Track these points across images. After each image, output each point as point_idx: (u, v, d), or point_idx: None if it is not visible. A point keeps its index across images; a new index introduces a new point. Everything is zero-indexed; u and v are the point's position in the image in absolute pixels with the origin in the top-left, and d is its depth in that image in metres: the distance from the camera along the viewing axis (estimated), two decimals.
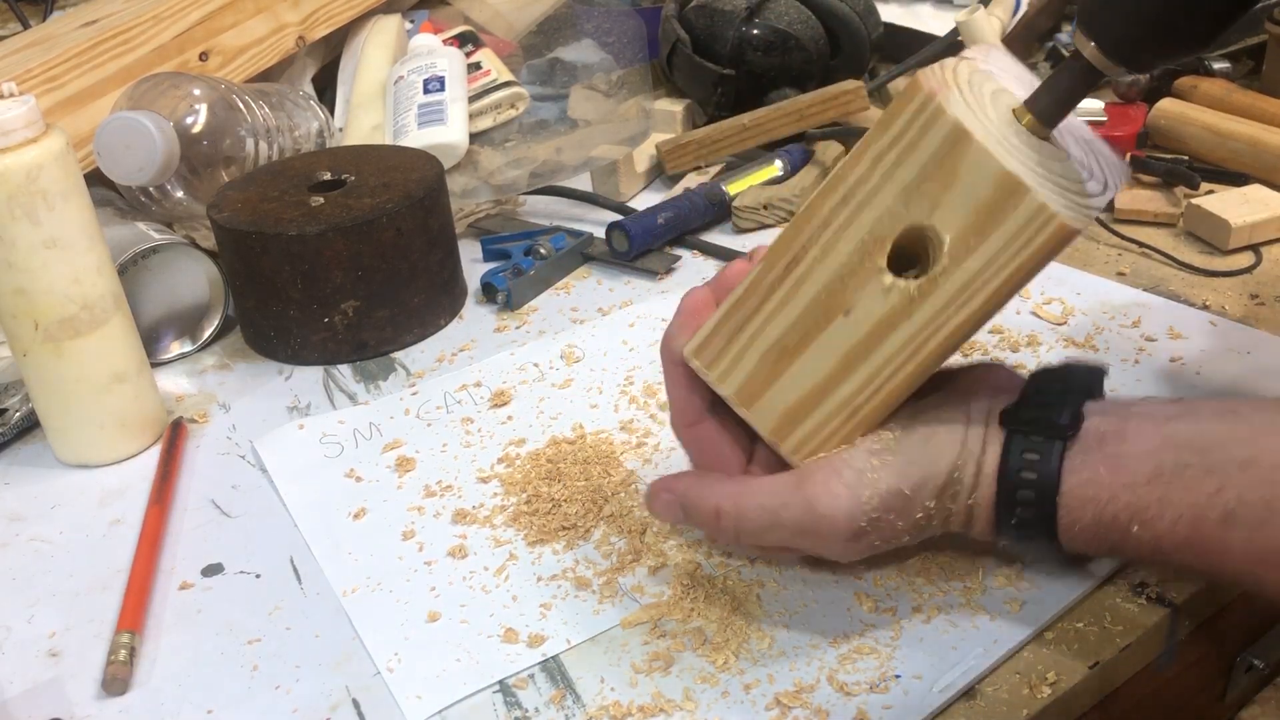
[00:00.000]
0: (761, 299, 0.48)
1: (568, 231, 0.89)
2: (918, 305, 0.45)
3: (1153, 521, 0.43)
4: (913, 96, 0.42)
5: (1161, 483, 0.43)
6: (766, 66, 1.03)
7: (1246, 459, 0.42)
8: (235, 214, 0.78)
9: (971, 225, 0.43)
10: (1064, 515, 0.45)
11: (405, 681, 0.52)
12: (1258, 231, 0.80)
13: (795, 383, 0.48)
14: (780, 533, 0.48)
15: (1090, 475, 0.44)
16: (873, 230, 0.44)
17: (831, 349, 0.47)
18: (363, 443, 0.69)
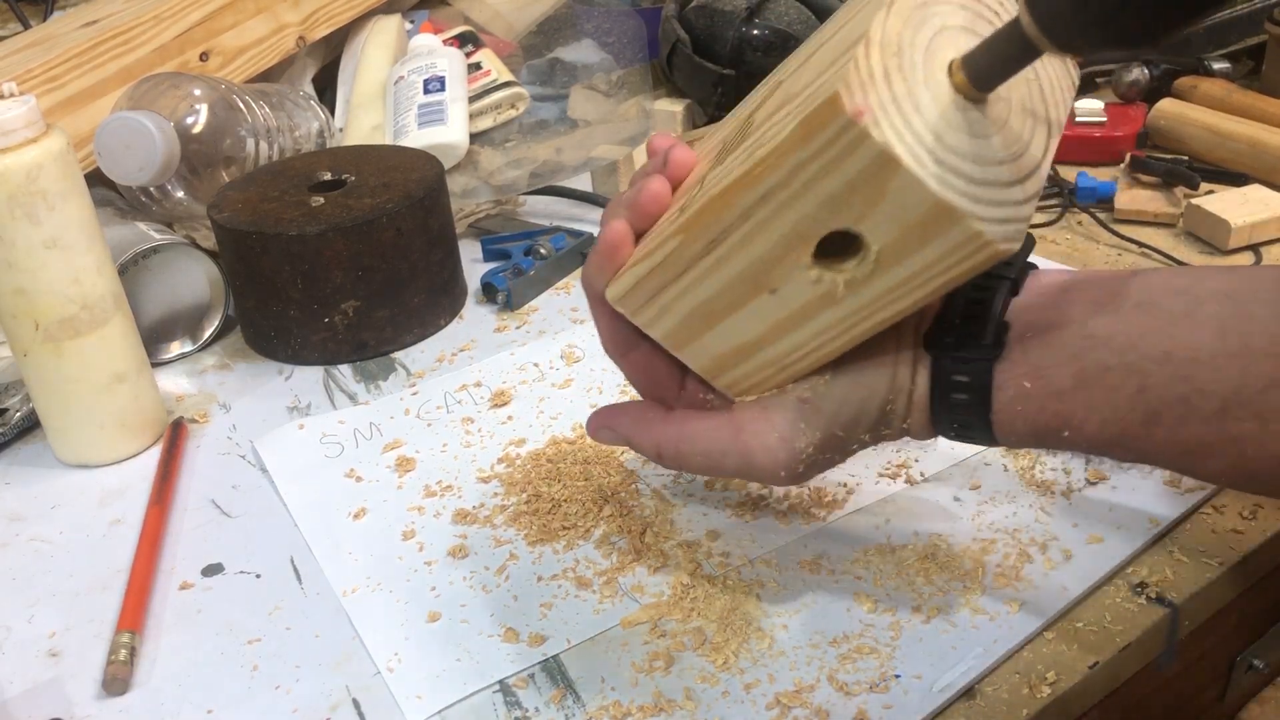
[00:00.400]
0: (682, 268, 0.45)
1: (568, 231, 0.89)
2: (844, 297, 0.43)
3: (1080, 426, 0.44)
4: (833, 118, 0.38)
5: (1086, 385, 0.43)
6: (766, 66, 1.03)
7: (1163, 354, 0.42)
8: (235, 214, 0.78)
9: (900, 240, 0.40)
10: (998, 428, 0.46)
11: (405, 681, 0.52)
12: (1258, 232, 0.80)
13: (724, 339, 0.47)
14: (720, 472, 0.51)
15: (1017, 391, 0.45)
16: (795, 228, 0.42)
17: (761, 316, 0.45)
18: (363, 443, 0.69)
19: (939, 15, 0.42)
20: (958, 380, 0.46)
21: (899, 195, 0.39)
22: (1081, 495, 0.58)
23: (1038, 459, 0.61)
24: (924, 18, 0.41)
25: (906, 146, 0.38)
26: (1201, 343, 0.41)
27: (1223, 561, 0.54)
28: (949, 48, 0.41)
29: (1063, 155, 0.95)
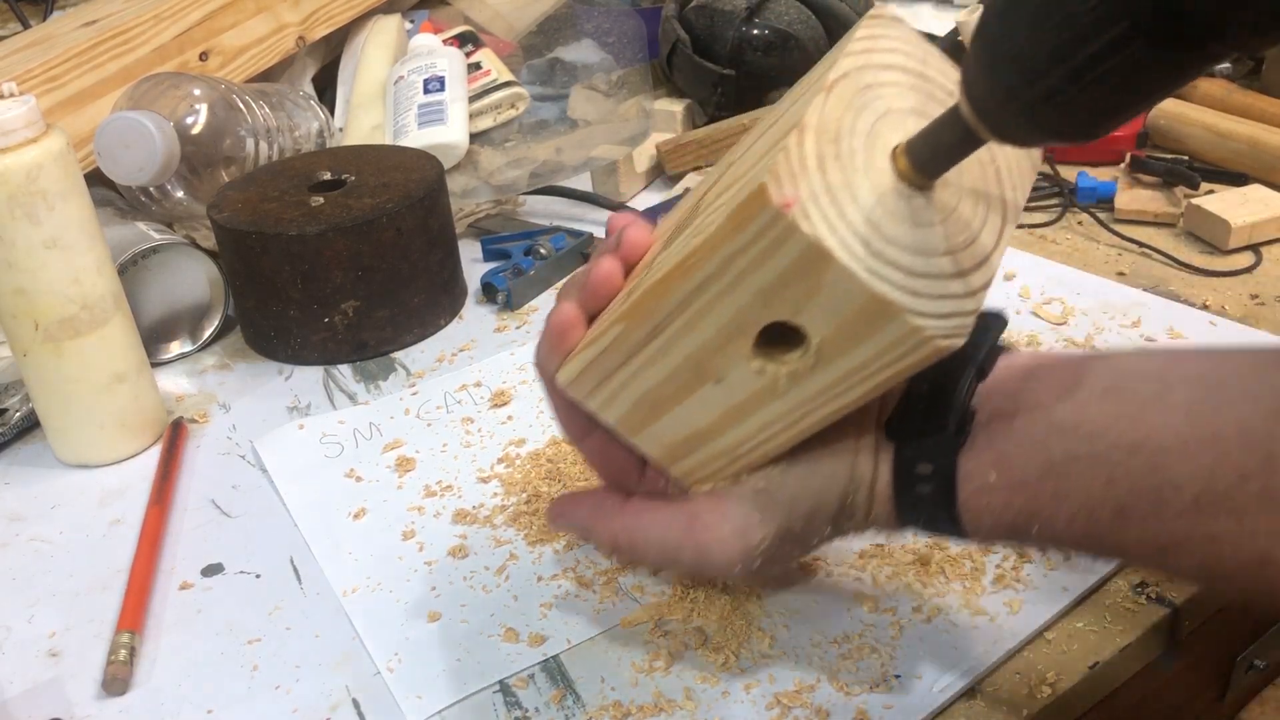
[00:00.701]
0: (627, 355, 0.44)
1: (568, 231, 0.89)
2: (789, 388, 0.41)
3: (1050, 520, 0.41)
4: (760, 209, 0.36)
5: (1053, 476, 0.41)
6: (766, 66, 1.03)
7: (1132, 443, 0.39)
8: (235, 214, 0.78)
9: (839, 334, 0.38)
10: (967, 522, 0.43)
11: (405, 681, 0.52)
12: (1258, 231, 0.80)
13: (674, 427, 0.45)
14: (675, 567, 0.50)
15: (983, 482, 0.42)
16: (734, 319, 0.40)
17: (706, 407, 0.44)
18: (363, 443, 0.69)
19: (884, 98, 0.40)
20: (920, 471, 0.43)
21: (833, 289, 0.37)
22: None
23: None
24: (867, 101, 0.39)
25: (839, 239, 0.36)
26: (1172, 430, 0.39)
27: None
28: (894, 132, 0.39)
29: (1063, 155, 0.95)
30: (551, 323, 0.47)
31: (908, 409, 0.45)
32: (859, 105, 0.39)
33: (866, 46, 0.41)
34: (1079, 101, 0.33)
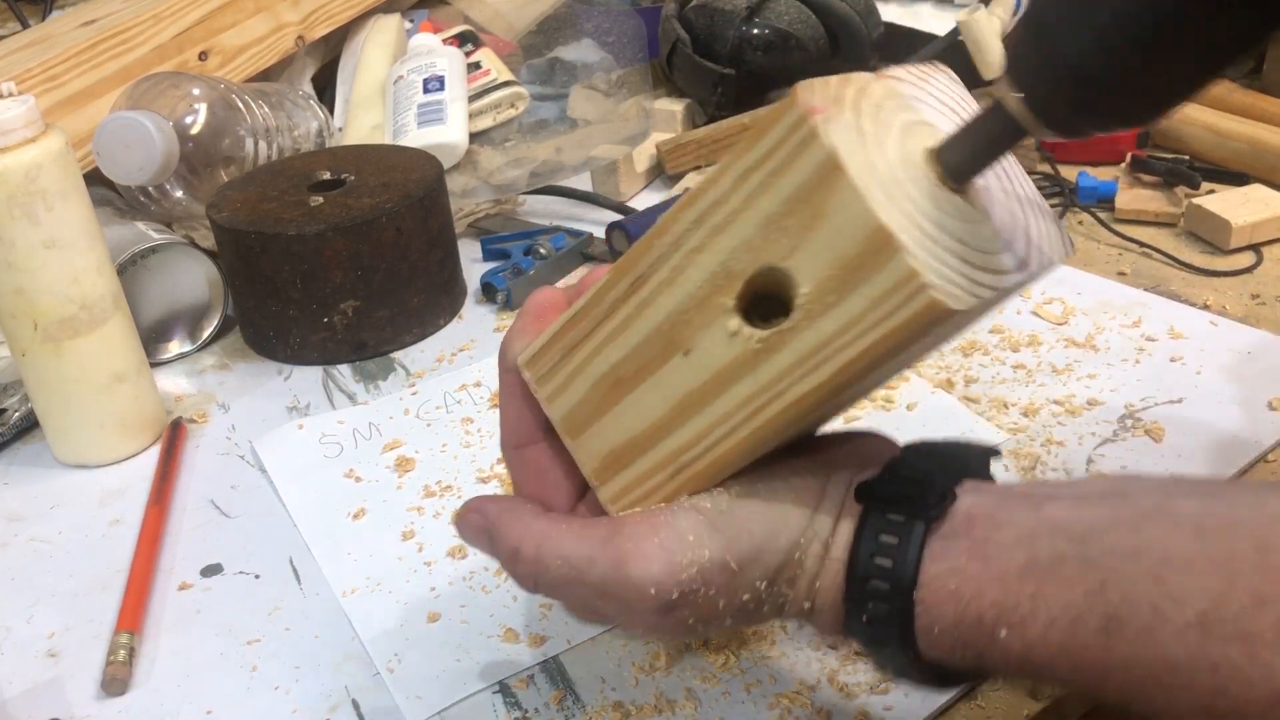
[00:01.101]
0: (601, 317, 0.41)
1: (568, 231, 0.89)
2: (761, 361, 0.38)
3: (1023, 625, 0.36)
4: (785, 112, 0.35)
5: (1035, 576, 0.36)
6: (767, 66, 1.03)
7: (1132, 549, 0.35)
8: (235, 214, 0.77)
9: (832, 279, 0.36)
10: (922, 613, 0.38)
11: (405, 682, 0.51)
12: (1258, 231, 0.80)
13: (624, 420, 0.42)
14: (581, 591, 0.41)
15: (953, 565, 0.37)
16: (726, 262, 0.38)
17: (666, 389, 0.40)
18: (362, 443, 0.69)
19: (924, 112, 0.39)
20: (885, 541, 0.38)
21: (837, 215, 0.35)
22: None
23: (1038, 460, 0.61)
24: (908, 104, 0.38)
25: (863, 159, 0.35)
26: (1177, 543, 0.34)
27: None
28: (928, 140, 0.37)
29: (1064, 155, 0.95)
30: (530, 303, 0.45)
31: (884, 476, 0.40)
32: (888, 109, 0.37)
33: (919, 75, 0.39)
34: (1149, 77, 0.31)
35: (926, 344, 0.39)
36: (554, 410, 0.44)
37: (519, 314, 0.45)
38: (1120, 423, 0.63)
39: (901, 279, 0.34)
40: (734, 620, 0.41)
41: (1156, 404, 0.64)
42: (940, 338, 0.40)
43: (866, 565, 0.38)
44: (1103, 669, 0.35)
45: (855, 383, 0.37)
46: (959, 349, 0.71)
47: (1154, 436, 0.61)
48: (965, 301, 0.35)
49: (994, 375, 0.68)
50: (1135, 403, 0.64)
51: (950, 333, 0.41)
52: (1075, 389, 0.66)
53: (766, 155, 0.36)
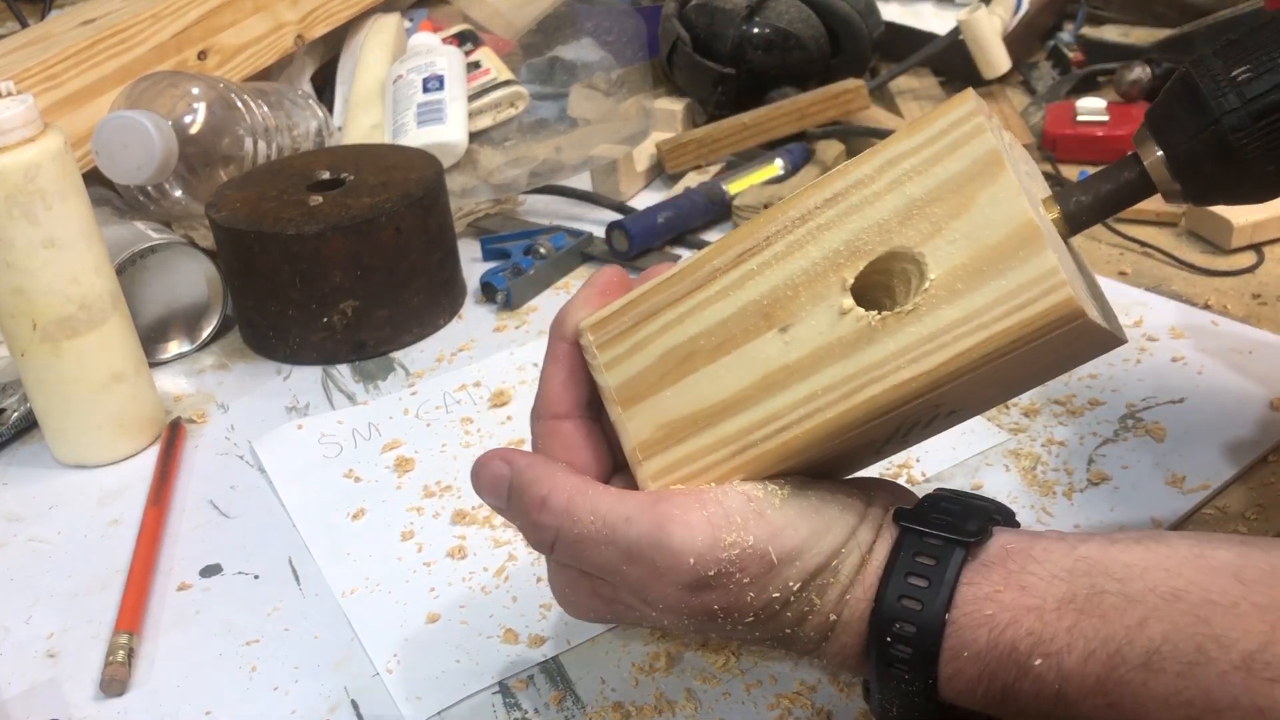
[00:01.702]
0: (693, 286, 0.41)
1: (567, 231, 0.89)
2: (869, 342, 0.38)
3: (1059, 656, 0.35)
4: (957, 106, 0.37)
5: (1073, 609, 0.35)
6: (767, 65, 1.03)
7: (1172, 591, 0.35)
8: (234, 213, 0.77)
9: (967, 266, 0.37)
10: (953, 636, 0.37)
11: (404, 682, 0.51)
12: (1260, 231, 0.80)
13: (691, 394, 0.41)
14: (609, 552, 0.39)
15: (990, 591, 0.37)
16: (853, 241, 0.38)
17: (752, 364, 0.40)
18: (361, 443, 0.69)
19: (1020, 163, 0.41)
20: (921, 562, 0.38)
21: (988, 207, 0.36)
22: (1083, 495, 0.58)
23: (1038, 460, 0.61)
24: (1015, 155, 0.41)
25: (1013, 168, 0.37)
26: (1218, 587, 0.34)
27: None
28: (1037, 189, 0.41)
29: (1065, 154, 0.94)
30: (596, 277, 0.44)
31: (924, 504, 0.41)
32: (1020, 153, 0.41)
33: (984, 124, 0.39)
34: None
35: (1031, 360, 0.38)
36: (611, 377, 0.43)
37: (583, 286, 0.45)
38: (1121, 423, 0.63)
39: (1043, 273, 0.35)
40: (754, 621, 0.40)
41: (1158, 404, 0.64)
42: (1044, 360, 0.39)
43: (901, 584, 0.38)
44: (1141, 706, 0.34)
45: (950, 384, 0.37)
46: None
47: (1155, 436, 0.61)
48: (1090, 310, 0.36)
49: None
50: (1136, 402, 0.64)
51: (1051, 360, 0.40)
52: (1076, 389, 0.66)
53: (924, 144, 0.38)
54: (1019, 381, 0.42)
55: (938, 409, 0.40)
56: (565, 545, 0.41)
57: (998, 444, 0.62)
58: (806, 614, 0.40)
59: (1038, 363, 0.39)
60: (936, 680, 0.38)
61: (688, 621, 0.41)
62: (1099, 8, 1.17)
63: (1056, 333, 0.36)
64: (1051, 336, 0.36)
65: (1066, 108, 0.97)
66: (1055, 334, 0.36)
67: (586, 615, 0.45)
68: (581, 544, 0.40)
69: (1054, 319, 0.35)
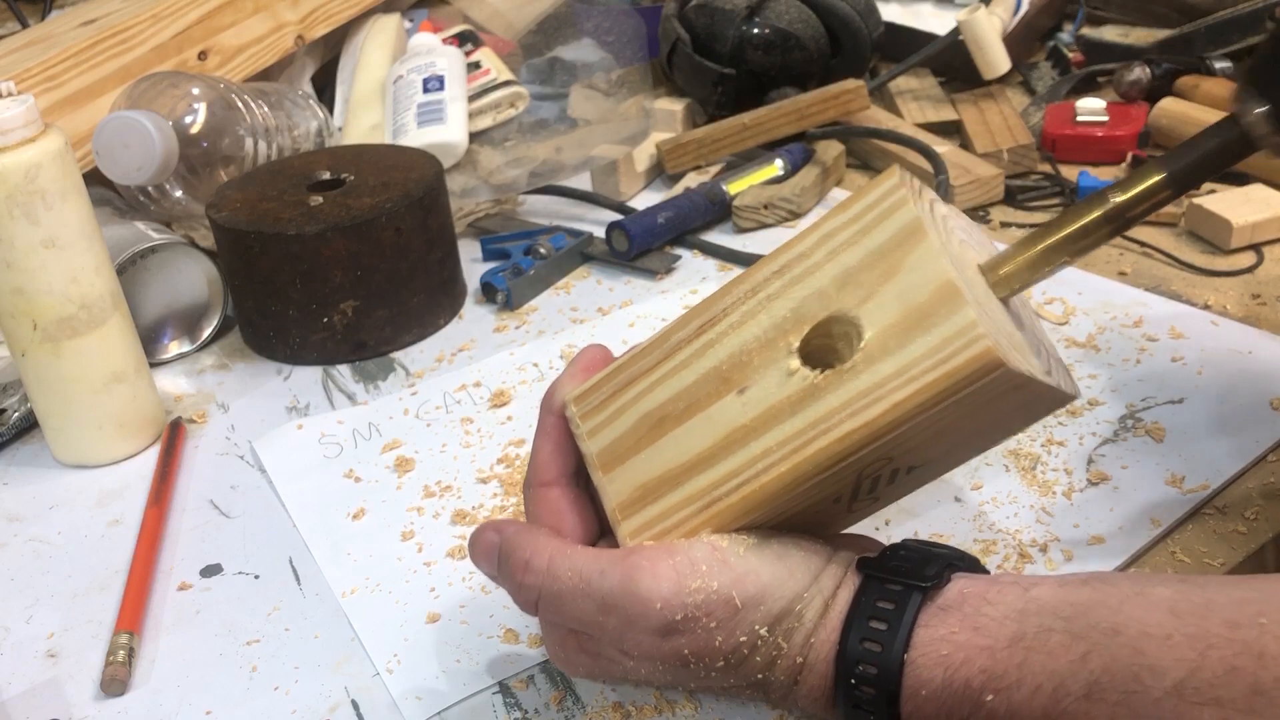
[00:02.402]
0: (661, 357, 0.46)
1: (567, 231, 0.89)
2: (814, 398, 0.41)
3: (1009, 691, 0.39)
4: (883, 182, 0.42)
5: (1022, 647, 0.39)
6: (767, 65, 1.03)
7: (1113, 626, 0.38)
8: (234, 213, 0.77)
9: (897, 325, 0.40)
10: (911, 675, 0.40)
11: (404, 682, 0.51)
12: (1259, 231, 0.80)
13: (663, 455, 0.44)
14: (586, 605, 0.43)
15: (946, 633, 0.40)
16: (798, 309, 0.43)
17: (714, 426, 0.43)
18: (362, 443, 0.69)
19: (955, 232, 0.45)
20: (882, 606, 0.41)
21: (913, 271, 0.40)
22: (1082, 496, 0.58)
23: (1038, 460, 0.61)
24: (947, 224, 0.44)
25: (937, 234, 0.41)
26: (1154, 621, 0.38)
27: (1225, 562, 0.54)
28: (972, 256, 0.45)
29: (1064, 154, 0.94)
30: (582, 354, 0.49)
31: (886, 554, 0.44)
32: (957, 224, 0.45)
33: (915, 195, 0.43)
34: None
35: (973, 413, 0.41)
36: (593, 444, 0.46)
37: (569, 364, 0.49)
38: (1121, 423, 0.63)
39: (963, 327, 0.39)
40: (726, 666, 0.43)
41: (1157, 404, 0.64)
42: (988, 414, 0.42)
43: (862, 627, 0.41)
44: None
45: (890, 435, 0.40)
46: None
47: (1154, 436, 0.61)
48: (1012, 361, 0.39)
49: None
50: (1136, 403, 0.64)
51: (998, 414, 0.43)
52: None
53: (856, 217, 0.42)
54: (973, 435, 0.45)
55: (892, 463, 0.43)
56: (548, 602, 0.44)
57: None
58: (775, 658, 0.43)
59: (982, 416, 0.42)
60: (899, 713, 0.41)
61: (663, 669, 0.43)
62: (1099, 8, 1.17)
63: (981, 382, 0.39)
64: (979, 386, 0.39)
65: (1066, 108, 0.97)
66: (981, 384, 0.39)
67: (578, 672, 0.48)
68: (561, 599, 0.43)
69: (975, 369, 0.38)
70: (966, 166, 0.90)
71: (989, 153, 0.93)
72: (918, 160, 0.92)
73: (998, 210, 0.89)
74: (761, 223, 0.90)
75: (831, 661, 0.42)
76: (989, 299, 0.43)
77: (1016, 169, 0.93)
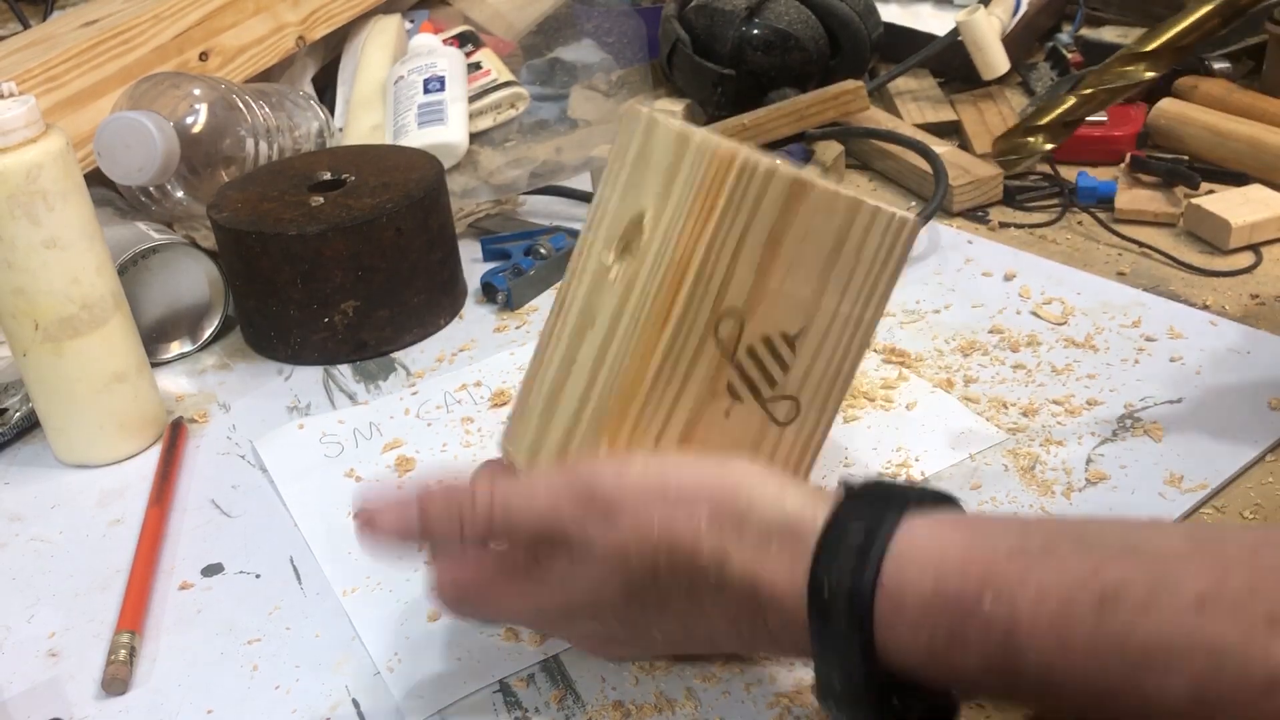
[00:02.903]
0: (541, 355, 0.51)
1: (568, 231, 0.89)
2: (633, 283, 0.45)
3: (1011, 591, 0.34)
4: (627, 117, 0.49)
5: (1025, 558, 0.35)
6: (766, 66, 1.03)
7: (1128, 545, 0.35)
8: (235, 214, 0.78)
9: (663, 189, 0.45)
10: (892, 579, 0.36)
11: (405, 681, 0.52)
12: (1258, 231, 0.80)
13: (561, 417, 0.48)
14: (560, 499, 0.42)
15: (936, 535, 0.36)
16: (606, 237, 0.48)
17: (585, 365, 0.47)
18: (363, 442, 0.69)
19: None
20: (859, 521, 0.38)
21: (656, 148, 0.46)
22: (1082, 495, 0.58)
23: (1037, 459, 0.61)
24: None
25: (671, 119, 0.47)
26: (1172, 545, 0.35)
27: None
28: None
29: (1063, 155, 0.95)
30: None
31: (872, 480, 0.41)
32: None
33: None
34: None
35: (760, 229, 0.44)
36: (520, 456, 0.50)
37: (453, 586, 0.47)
38: (1120, 422, 0.63)
39: (701, 149, 0.43)
40: (671, 565, 0.40)
41: (1156, 404, 0.64)
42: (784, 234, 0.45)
43: (838, 536, 0.38)
44: (1093, 647, 0.34)
45: (692, 269, 0.43)
46: (959, 349, 0.71)
47: (1153, 436, 0.61)
48: (752, 158, 0.43)
49: (994, 375, 0.69)
50: (1135, 402, 0.65)
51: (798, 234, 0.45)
52: (1075, 389, 0.66)
53: (621, 148, 0.49)
54: (813, 275, 0.46)
55: (746, 323, 0.45)
56: (518, 503, 0.43)
57: (996, 443, 0.62)
58: (722, 562, 0.40)
59: (789, 240, 0.45)
60: (873, 630, 0.37)
61: (622, 587, 0.42)
62: (1098, 9, 1.17)
63: (729, 182, 0.43)
64: (734, 189, 0.43)
65: None
66: (731, 184, 0.43)
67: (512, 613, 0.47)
68: (533, 496, 0.43)
69: (716, 170, 0.43)
70: (965, 167, 0.91)
71: (988, 153, 0.93)
72: (917, 160, 0.92)
73: (997, 210, 0.90)
74: None
75: (805, 578, 0.38)
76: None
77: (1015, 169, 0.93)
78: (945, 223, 0.88)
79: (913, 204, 0.93)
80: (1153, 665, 0.33)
